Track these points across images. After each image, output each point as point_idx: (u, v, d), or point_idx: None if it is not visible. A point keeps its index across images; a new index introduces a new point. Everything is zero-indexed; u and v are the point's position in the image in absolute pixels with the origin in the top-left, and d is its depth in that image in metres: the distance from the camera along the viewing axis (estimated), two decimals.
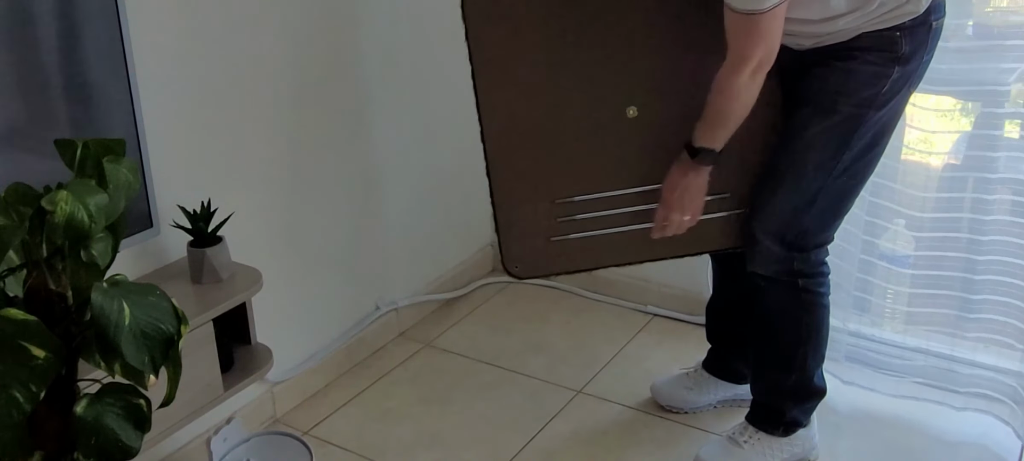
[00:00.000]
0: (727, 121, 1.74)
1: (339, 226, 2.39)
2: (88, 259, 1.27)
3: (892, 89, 1.71)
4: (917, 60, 1.71)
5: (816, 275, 1.89)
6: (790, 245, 1.84)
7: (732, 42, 1.65)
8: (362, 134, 2.41)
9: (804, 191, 1.80)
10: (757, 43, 1.63)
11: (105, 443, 1.27)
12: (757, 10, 1.58)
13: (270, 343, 1.98)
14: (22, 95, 1.52)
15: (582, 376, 2.43)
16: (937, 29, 1.72)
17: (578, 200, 1.89)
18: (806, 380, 1.97)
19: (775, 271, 1.87)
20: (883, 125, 1.76)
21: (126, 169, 1.31)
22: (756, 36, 1.63)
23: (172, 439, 2.02)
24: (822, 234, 1.86)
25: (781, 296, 1.90)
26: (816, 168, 1.78)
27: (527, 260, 1.94)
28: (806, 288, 1.88)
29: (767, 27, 1.61)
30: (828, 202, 1.81)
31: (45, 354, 1.19)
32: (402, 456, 2.15)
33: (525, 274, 1.97)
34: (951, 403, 2.17)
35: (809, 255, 1.86)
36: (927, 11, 1.67)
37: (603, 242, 1.92)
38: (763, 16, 1.59)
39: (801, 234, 1.83)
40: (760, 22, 1.60)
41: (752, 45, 1.64)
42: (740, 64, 1.66)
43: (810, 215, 1.82)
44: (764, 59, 1.65)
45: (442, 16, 2.55)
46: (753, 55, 1.64)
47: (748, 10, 1.59)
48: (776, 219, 1.83)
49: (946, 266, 2.13)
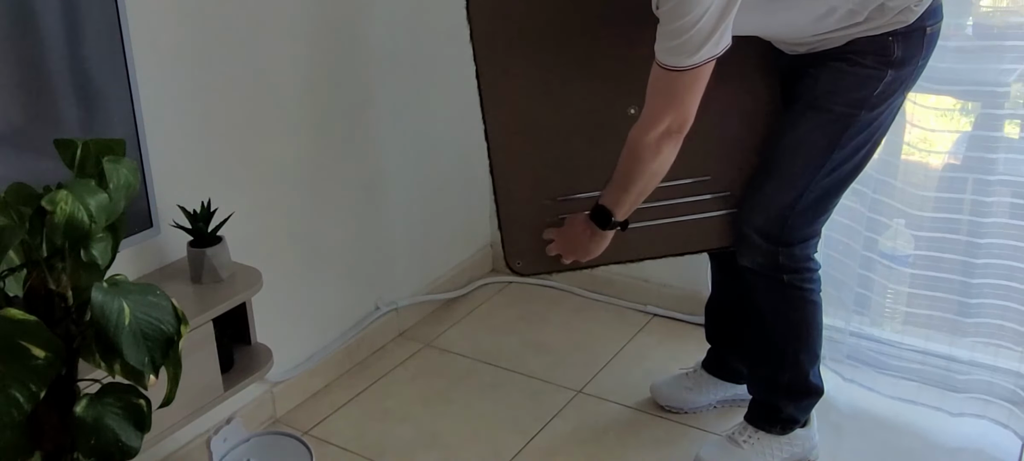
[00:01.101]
0: (627, 184, 1.71)
1: (339, 226, 2.39)
2: (88, 259, 1.27)
3: (885, 92, 1.72)
4: (912, 64, 1.71)
5: (801, 270, 1.88)
6: (775, 240, 1.84)
7: (647, 98, 1.64)
8: (363, 134, 2.41)
9: (791, 187, 1.80)
10: (669, 104, 1.61)
11: (105, 443, 1.27)
12: (678, 67, 1.56)
13: (270, 343, 1.98)
14: (22, 95, 1.52)
15: (582, 376, 2.43)
16: (933, 34, 1.71)
17: (580, 198, 1.90)
18: (800, 377, 1.97)
19: (759, 265, 1.88)
20: (875, 126, 1.77)
21: (126, 169, 1.30)
22: (670, 96, 1.60)
23: (172, 439, 2.02)
24: (806, 229, 1.86)
25: (769, 293, 1.91)
26: (805, 165, 1.78)
27: (529, 257, 1.96)
28: (792, 284, 1.88)
29: (684, 89, 1.59)
30: (814, 199, 1.82)
31: (45, 354, 1.19)
32: (402, 456, 2.15)
33: (527, 271, 1.98)
34: (949, 407, 2.17)
35: (793, 250, 1.86)
36: (921, 17, 1.67)
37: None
38: (682, 75, 1.57)
39: (785, 229, 1.83)
40: (677, 82, 1.58)
41: (663, 106, 1.62)
42: (648, 123, 1.64)
43: (795, 211, 1.82)
44: (673, 125, 1.62)
45: (443, 16, 2.56)
46: (662, 117, 1.62)
47: (670, 66, 1.57)
48: (761, 213, 1.83)
49: (944, 267, 2.13)
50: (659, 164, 1.68)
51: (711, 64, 1.58)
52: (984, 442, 2.09)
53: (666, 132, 1.63)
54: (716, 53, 1.57)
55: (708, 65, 1.57)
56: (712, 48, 1.55)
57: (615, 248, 1.92)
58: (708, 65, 1.57)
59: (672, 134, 1.64)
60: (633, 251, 1.95)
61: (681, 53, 1.56)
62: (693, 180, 1.88)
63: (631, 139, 1.68)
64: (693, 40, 1.54)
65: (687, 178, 1.87)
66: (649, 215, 1.89)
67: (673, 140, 1.64)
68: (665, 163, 1.68)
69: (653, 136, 1.64)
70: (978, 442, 2.09)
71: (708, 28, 1.53)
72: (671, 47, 1.56)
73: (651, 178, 1.70)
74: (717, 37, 1.55)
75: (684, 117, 1.62)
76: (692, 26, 1.52)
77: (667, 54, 1.57)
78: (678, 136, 1.64)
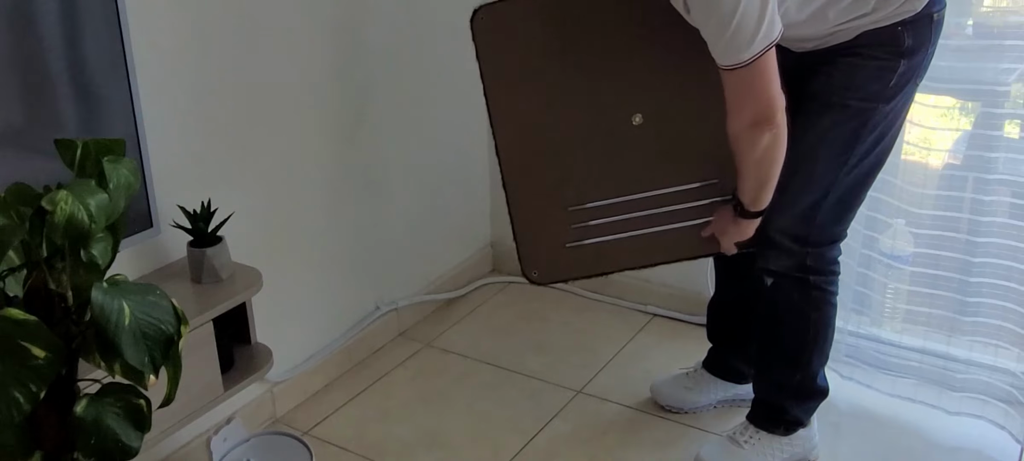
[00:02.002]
0: (745, 174, 1.73)
1: (339, 226, 2.39)
2: (88, 259, 1.27)
3: (899, 82, 1.71)
4: (923, 52, 1.71)
5: (827, 273, 1.88)
6: (803, 241, 1.84)
7: (725, 95, 1.65)
8: (363, 134, 2.41)
9: (816, 187, 1.79)
10: (744, 100, 1.61)
11: (105, 443, 1.27)
12: (738, 63, 1.56)
13: (270, 343, 1.98)
14: (22, 95, 1.52)
15: (582, 376, 2.43)
16: (939, 21, 1.71)
17: (590, 207, 1.92)
18: (810, 379, 1.97)
19: (786, 267, 1.87)
20: (893, 118, 1.76)
21: (126, 169, 1.30)
22: (741, 92, 1.61)
23: (172, 439, 2.02)
24: (834, 229, 1.86)
25: (791, 293, 1.90)
26: (827, 164, 1.77)
27: (545, 267, 1.99)
28: (817, 285, 1.88)
29: (751, 83, 1.58)
30: (840, 197, 1.81)
31: (45, 354, 1.19)
32: (402, 456, 2.15)
33: (544, 280, 2.01)
34: (946, 406, 2.17)
35: (822, 251, 1.86)
36: (928, 4, 1.67)
37: (618, 247, 1.95)
38: (744, 71, 1.57)
39: (814, 230, 1.83)
40: (743, 78, 1.58)
41: (739, 102, 1.63)
42: (732, 119, 1.65)
43: (822, 210, 1.81)
44: (759, 117, 1.62)
45: (443, 16, 2.56)
46: (742, 112, 1.63)
47: (729, 65, 1.58)
48: (788, 215, 1.82)
49: (943, 266, 2.13)
50: (762, 154, 1.66)
51: (772, 52, 1.56)
52: (983, 442, 2.09)
53: (754, 124, 1.62)
54: (772, 40, 1.55)
55: (768, 54, 1.56)
56: (766, 36, 1.54)
57: (632, 254, 1.95)
58: (768, 54, 1.56)
59: (760, 125, 1.62)
60: (650, 257, 1.97)
61: (734, 49, 1.55)
62: (700, 184, 1.89)
63: (728, 135, 1.68)
64: (742, 32, 1.52)
65: (695, 183, 1.89)
66: (663, 221, 1.91)
67: (763, 129, 1.63)
68: (770, 152, 1.66)
69: (741, 130, 1.65)
70: (978, 442, 2.09)
71: (754, 16, 1.52)
72: (723, 46, 1.56)
73: (759, 168, 1.69)
74: (767, 24, 1.53)
75: (765, 107, 1.61)
76: (731, 18, 1.51)
77: (722, 54, 1.57)
78: (768, 125, 1.62)
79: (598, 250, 1.95)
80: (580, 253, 1.96)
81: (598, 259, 1.96)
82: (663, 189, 1.90)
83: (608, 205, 1.92)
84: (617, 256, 1.96)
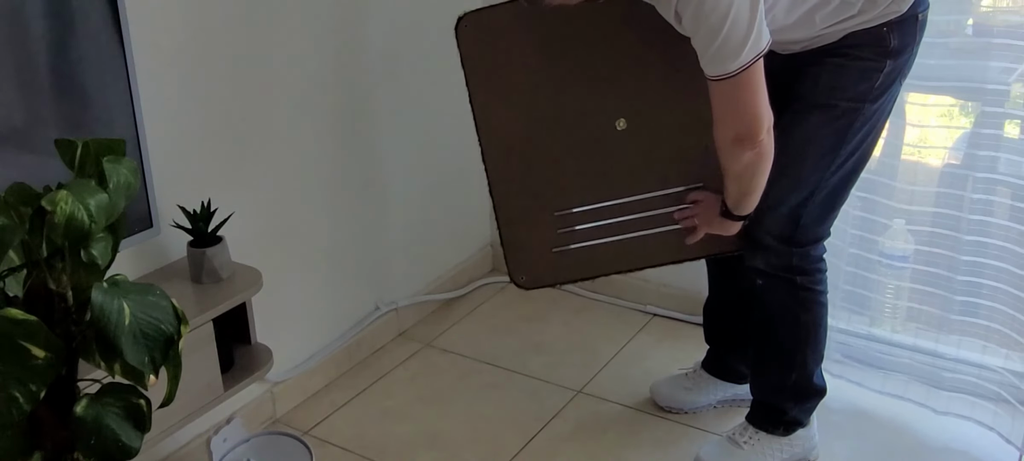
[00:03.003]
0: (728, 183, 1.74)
1: (339, 226, 2.39)
2: (88, 259, 1.27)
3: (885, 82, 1.73)
4: (908, 53, 1.73)
5: (813, 272, 1.89)
6: (788, 241, 1.84)
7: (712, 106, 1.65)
8: (362, 134, 2.41)
9: (803, 187, 1.80)
10: (728, 113, 1.62)
11: (105, 443, 1.27)
12: (725, 74, 1.56)
13: (270, 343, 1.98)
14: (22, 95, 1.52)
15: (582, 376, 2.43)
16: (923, 21, 1.73)
17: (577, 212, 1.92)
18: (806, 379, 1.97)
19: (773, 267, 1.88)
20: (877, 118, 1.78)
21: (126, 169, 1.30)
22: (726, 105, 1.61)
23: (172, 439, 2.02)
24: (818, 229, 1.87)
25: (780, 294, 1.91)
26: (815, 164, 1.78)
27: (533, 272, 1.99)
28: (804, 286, 1.89)
29: (738, 95, 1.59)
30: (824, 197, 1.82)
31: (45, 354, 1.19)
32: (402, 456, 2.15)
33: (531, 285, 2.02)
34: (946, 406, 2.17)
35: (806, 250, 1.86)
36: (913, 5, 1.68)
37: (605, 251, 1.95)
38: (730, 82, 1.57)
39: (799, 230, 1.84)
40: (729, 90, 1.58)
41: (723, 114, 1.63)
42: (717, 131, 1.66)
43: (808, 211, 1.82)
44: (742, 132, 1.62)
45: (442, 17, 2.55)
46: (726, 122, 1.63)
47: (716, 75, 1.58)
48: (774, 215, 1.83)
49: (943, 266, 2.13)
50: (743, 169, 1.67)
51: (760, 63, 1.56)
52: (984, 441, 2.09)
53: (736, 140, 1.63)
54: (759, 51, 1.55)
55: (756, 65, 1.55)
56: (754, 47, 1.54)
57: (618, 258, 1.96)
58: (756, 65, 1.55)
59: (743, 142, 1.63)
60: (636, 260, 1.98)
61: (722, 59, 1.55)
62: (686, 188, 1.90)
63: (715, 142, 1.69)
64: (730, 42, 1.52)
65: (681, 187, 1.90)
66: (649, 224, 1.91)
67: (744, 147, 1.63)
68: (751, 169, 1.67)
69: (724, 143, 1.66)
70: (978, 441, 2.09)
71: (743, 25, 1.52)
72: (711, 55, 1.56)
73: (740, 181, 1.71)
74: (755, 34, 1.53)
75: (749, 124, 1.60)
76: (721, 27, 1.51)
77: (710, 64, 1.57)
78: (750, 143, 1.62)
79: (585, 254, 1.95)
80: (567, 258, 1.96)
81: (585, 263, 1.97)
82: (648, 193, 1.90)
83: (594, 210, 1.93)
84: (604, 260, 1.96)
